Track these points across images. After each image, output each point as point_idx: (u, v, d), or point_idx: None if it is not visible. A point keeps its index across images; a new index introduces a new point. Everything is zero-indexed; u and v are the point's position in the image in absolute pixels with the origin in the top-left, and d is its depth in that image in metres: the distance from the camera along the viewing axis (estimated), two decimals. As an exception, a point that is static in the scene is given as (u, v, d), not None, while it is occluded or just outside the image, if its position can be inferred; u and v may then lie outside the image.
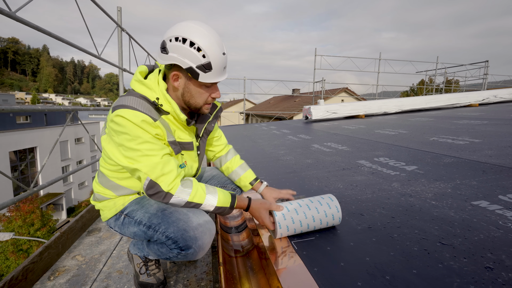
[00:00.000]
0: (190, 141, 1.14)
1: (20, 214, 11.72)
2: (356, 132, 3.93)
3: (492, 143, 2.44)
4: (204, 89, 1.02)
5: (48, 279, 1.42)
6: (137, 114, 0.92)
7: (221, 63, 0.97)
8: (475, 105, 6.44)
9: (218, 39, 0.97)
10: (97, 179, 1.17)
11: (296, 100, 17.64)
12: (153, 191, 0.95)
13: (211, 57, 0.94)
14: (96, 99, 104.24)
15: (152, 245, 1.10)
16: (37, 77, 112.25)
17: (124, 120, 0.92)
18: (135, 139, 0.93)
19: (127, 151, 0.94)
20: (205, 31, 0.95)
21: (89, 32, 2.89)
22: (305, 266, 0.90)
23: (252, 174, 1.37)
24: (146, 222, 1.05)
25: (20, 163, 17.48)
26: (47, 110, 2.06)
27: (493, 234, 1.00)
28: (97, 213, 2.21)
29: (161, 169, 0.94)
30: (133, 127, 0.92)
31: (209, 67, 0.94)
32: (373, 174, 1.87)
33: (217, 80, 1.00)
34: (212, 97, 1.05)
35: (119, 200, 1.13)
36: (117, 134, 0.95)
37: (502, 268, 0.81)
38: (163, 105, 1.00)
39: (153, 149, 0.95)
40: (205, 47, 0.93)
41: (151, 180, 0.94)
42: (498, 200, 1.28)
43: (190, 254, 0.99)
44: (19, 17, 1.66)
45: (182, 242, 0.97)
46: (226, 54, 0.99)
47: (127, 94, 1.02)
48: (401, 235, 1.05)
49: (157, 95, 1.00)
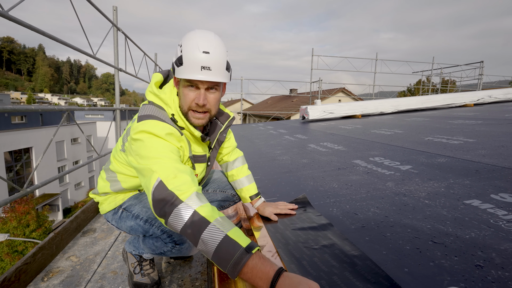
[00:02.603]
0: (203, 154, 1.13)
1: (15, 215, 11.61)
2: (352, 132, 3.95)
3: (485, 143, 2.46)
4: (187, 91, 0.96)
5: (41, 280, 1.41)
6: (164, 126, 0.92)
7: (194, 59, 0.90)
8: (470, 105, 6.50)
9: (207, 40, 0.92)
10: (103, 175, 1.17)
11: (293, 100, 17.67)
12: (160, 195, 0.81)
13: (183, 52, 0.91)
14: (93, 99, 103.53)
15: (148, 240, 1.10)
16: (33, 76, 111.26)
17: (150, 133, 0.90)
18: (155, 149, 0.88)
19: (143, 159, 0.88)
20: (200, 32, 0.94)
21: (84, 31, 2.87)
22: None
23: (255, 188, 1.33)
24: (143, 216, 1.05)
25: (16, 163, 17.31)
26: (42, 110, 2.04)
27: (484, 232, 1.01)
28: (92, 214, 2.20)
29: (174, 172, 0.84)
30: (155, 139, 0.89)
31: (181, 60, 0.91)
32: (368, 174, 1.88)
33: (187, 76, 0.91)
34: (195, 102, 0.96)
35: (119, 196, 1.15)
36: (136, 142, 0.91)
37: (492, 266, 0.82)
38: (177, 121, 1.00)
39: (171, 157, 0.88)
40: (184, 42, 0.92)
41: (161, 181, 0.82)
42: (490, 199, 1.30)
43: (184, 249, 0.99)
44: (12, 16, 1.64)
45: (177, 236, 0.97)
46: (211, 54, 0.91)
47: (150, 103, 1.01)
48: (394, 234, 1.06)
49: (172, 111, 1.00)
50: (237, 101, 26.04)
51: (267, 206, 1.28)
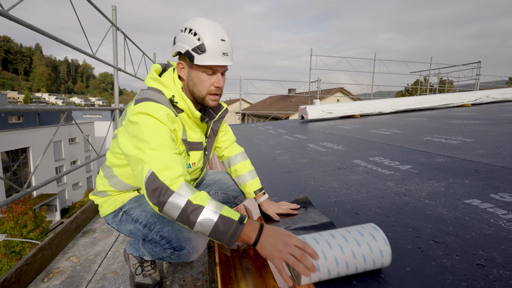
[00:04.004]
0: (200, 141, 1.14)
1: (12, 215, 11.54)
2: (352, 131, 3.96)
3: (484, 142, 2.48)
4: (205, 76, 1.02)
5: (42, 281, 1.41)
6: (161, 107, 0.95)
7: (217, 46, 0.97)
8: (468, 105, 6.53)
9: (218, 28, 0.99)
10: (101, 174, 1.17)
11: (292, 100, 17.69)
12: (153, 185, 0.86)
13: (205, 40, 0.96)
14: (91, 98, 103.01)
15: (147, 244, 1.09)
16: (30, 76, 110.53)
17: (146, 114, 0.93)
18: (149, 131, 0.91)
19: (139, 141, 0.91)
20: (206, 21, 0.99)
21: (83, 31, 2.86)
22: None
23: (258, 183, 1.34)
24: (142, 220, 1.05)
25: (13, 163, 17.21)
26: (40, 110, 2.03)
27: (485, 232, 1.02)
28: (92, 214, 2.19)
29: (165, 163, 0.88)
30: (151, 120, 0.93)
31: (202, 48, 0.96)
32: (368, 174, 1.89)
33: (212, 62, 0.97)
34: (215, 86, 1.03)
35: (119, 197, 1.14)
36: (133, 124, 0.94)
37: (493, 265, 0.83)
38: (178, 102, 1.03)
39: (163, 144, 0.91)
40: (201, 31, 0.96)
41: (153, 172, 0.87)
42: (490, 199, 1.31)
43: (183, 255, 0.98)
44: (12, 15, 1.64)
45: (176, 242, 0.96)
46: (227, 41, 0.99)
47: (148, 89, 1.04)
48: (395, 233, 1.06)
49: (173, 92, 1.04)
50: (236, 100, 26.02)
51: (270, 204, 1.29)
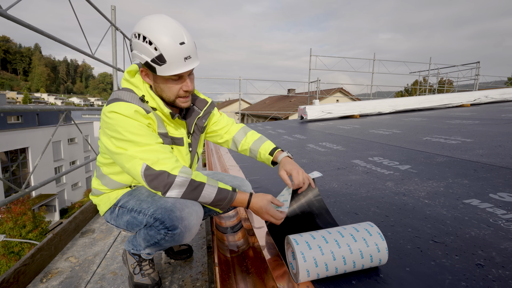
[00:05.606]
0: (180, 137, 1.15)
1: (11, 216, 11.51)
2: (351, 132, 3.96)
3: (483, 142, 2.48)
4: (171, 83, 1.01)
5: (40, 281, 1.40)
6: (130, 106, 0.96)
7: (177, 53, 0.92)
8: (467, 105, 6.54)
9: (174, 28, 0.93)
10: (95, 174, 1.20)
11: (291, 100, 17.70)
12: (152, 175, 0.92)
13: (162, 49, 0.91)
14: (90, 98, 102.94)
15: (142, 231, 1.09)
16: (29, 76, 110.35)
17: (117, 113, 0.94)
18: (127, 130, 0.94)
19: (119, 141, 0.95)
20: (158, 21, 0.93)
21: (83, 31, 2.85)
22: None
23: (270, 144, 1.28)
24: (137, 208, 1.07)
25: (11, 164, 17.17)
26: (39, 110, 2.02)
27: (484, 231, 1.02)
28: (91, 214, 2.18)
29: (156, 155, 0.94)
30: (124, 119, 0.94)
31: (162, 59, 0.92)
32: (368, 174, 1.89)
33: (175, 72, 0.95)
34: (184, 90, 1.03)
35: (113, 194, 1.16)
36: (108, 126, 0.97)
37: (493, 265, 0.83)
38: (148, 101, 1.04)
39: (145, 138, 0.95)
40: (155, 38, 0.91)
41: (147, 165, 0.92)
42: (489, 199, 1.31)
43: (177, 235, 0.99)
44: (10, 15, 1.63)
45: (168, 222, 0.97)
46: (186, 42, 0.93)
47: (121, 89, 1.06)
48: (395, 233, 1.06)
49: (142, 92, 1.05)
50: (235, 101, 26.04)
51: (288, 162, 1.21)
